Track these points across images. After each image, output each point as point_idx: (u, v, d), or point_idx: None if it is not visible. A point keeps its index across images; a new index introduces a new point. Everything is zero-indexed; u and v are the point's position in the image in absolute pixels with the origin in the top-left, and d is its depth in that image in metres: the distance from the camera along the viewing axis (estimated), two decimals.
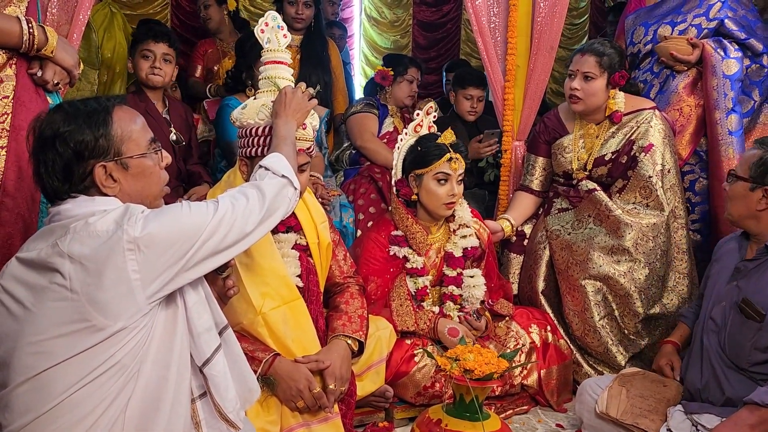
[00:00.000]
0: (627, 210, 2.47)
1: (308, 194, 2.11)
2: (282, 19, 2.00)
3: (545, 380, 2.32)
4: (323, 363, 1.86)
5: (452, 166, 2.27)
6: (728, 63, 2.59)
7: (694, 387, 1.99)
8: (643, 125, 2.53)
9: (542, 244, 2.61)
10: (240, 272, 1.84)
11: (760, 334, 1.83)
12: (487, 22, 2.87)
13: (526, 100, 2.92)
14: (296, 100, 1.82)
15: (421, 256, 2.35)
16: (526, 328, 2.34)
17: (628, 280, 2.39)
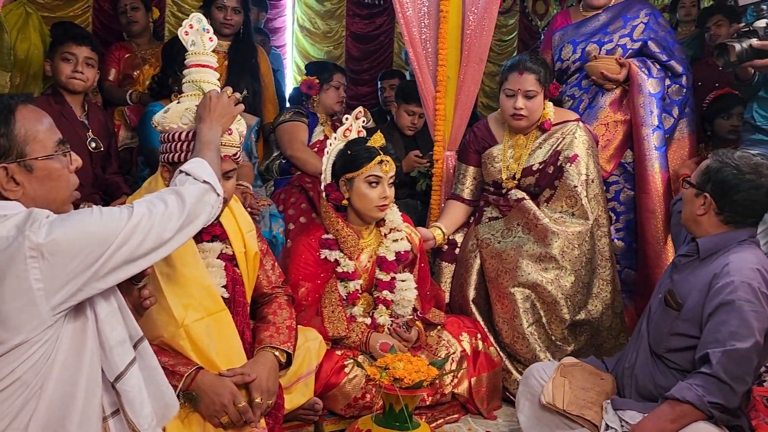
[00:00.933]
0: (554, 218, 2.52)
1: (235, 202, 2.04)
2: (209, 23, 1.93)
3: (475, 388, 2.32)
4: (249, 376, 1.79)
5: (383, 169, 2.26)
6: (652, 82, 2.71)
7: (622, 366, 2.09)
8: (569, 136, 2.59)
9: (473, 253, 2.62)
10: (160, 283, 1.75)
11: (677, 323, 1.92)
12: (418, 34, 2.89)
13: (457, 111, 2.95)
14: (222, 105, 1.76)
15: (352, 260, 2.32)
16: (457, 337, 2.34)
17: (555, 287, 2.43)
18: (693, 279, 1.95)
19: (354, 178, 2.28)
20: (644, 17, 2.79)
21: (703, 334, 1.84)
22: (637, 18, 2.79)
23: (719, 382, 1.76)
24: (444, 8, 2.87)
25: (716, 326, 1.81)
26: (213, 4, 3.25)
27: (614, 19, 2.84)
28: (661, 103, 2.72)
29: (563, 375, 2.03)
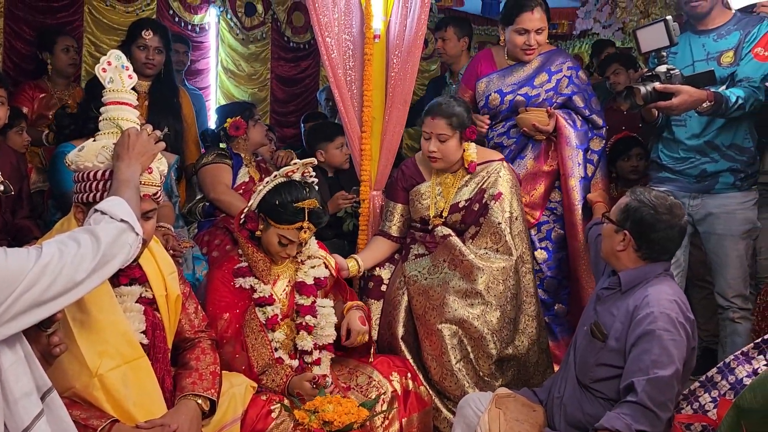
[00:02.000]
0: (479, 254, 2.55)
1: (155, 244, 1.98)
2: (128, 61, 1.89)
3: (406, 429, 2.28)
4: (169, 427, 1.70)
5: (300, 235, 2.24)
6: (578, 135, 2.80)
7: (552, 396, 2.13)
8: (493, 175, 2.65)
9: (400, 290, 2.62)
10: (72, 329, 1.65)
11: (602, 353, 1.97)
12: (343, 75, 2.93)
13: (383, 151, 2.99)
14: (141, 142, 1.71)
15: (267, 284, 2.29)
16: (387, 376, 2.30)
17: (481, 323, 2.45)
18: (615, 311, 2.01)
19: (270, 226, 2.25)
20: (567, 71, 2.86)
21: (627, 364, 1.90)
22: (560, 72, 2.86)
23: (645, 410, 1.81)
24: (368, 51, 2.93)
25: (639, 355, 1.86)
26: (134, 44, 3.19)
27: (539, 72, 2.90)
28: (585, 155, 2.81)
29: (498, 406, 2.04)
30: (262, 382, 2.17)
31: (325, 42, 2.88)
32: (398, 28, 2.94)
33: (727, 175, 2.62)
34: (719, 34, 2.64)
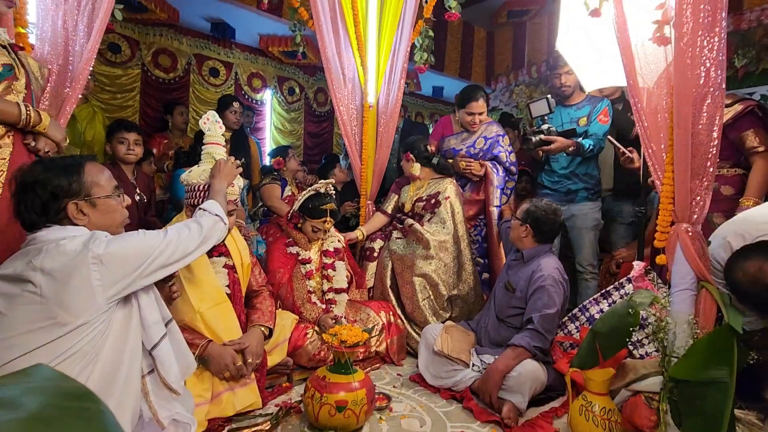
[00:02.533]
0: (432, 232, 2.52)
1: (235, 231, 1.94)
2: (219, 118, 1.86)
3: (390, 346, 2.27)
4: (244, 344, 1.68)
5: (324, 225, 2.26)
6: (498, 179, 2.69)
7: (480, 327, 2.12)
8: (445, 185, 2.64)
9: (387, 258, 2.60)
10: (184, 284, 1.62)
11: (513, 300, 1.99)
12: (350, 130, 2.91)
13: (374, 178, 2.96)
14: (227, 168, 1.69)
15: (307, 251, 2.31)
16: (378, 313, 2.30)
17: (436, 275, 2.43)
18: (521, 274, 2.02)
19: (306, 220, 2.26)
20: (496, 137, 2.74)
21: (528, 306, 1.91)
22: (493, 138, 2.75)
23: (539, 334, 1.82)
24: (366, 115, 2.92)
25: (535, 301, 1.88)
26: (226, 110, 3.20)
27: (479, 138, 2.79)
28: (502, 191, 2.72)
29: (446, 332, 2.04)
30: (302, 314, 2.15)
31: (339, 109, 2.86)
32: (383, 101, 2.93)
33: (583, 192, 2.64)
34: (578, 107, 2.66)
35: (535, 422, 1.70)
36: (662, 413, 1.42)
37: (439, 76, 6.42)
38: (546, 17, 6.02)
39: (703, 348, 1.36)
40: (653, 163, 1.73)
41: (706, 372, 1.33)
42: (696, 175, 1.57)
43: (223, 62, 5.11)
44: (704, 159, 1.56)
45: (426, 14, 2.87)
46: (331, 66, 2.79)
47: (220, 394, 1.60)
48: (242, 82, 5.31)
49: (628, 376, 1.69)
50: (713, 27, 1.50)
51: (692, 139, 1.56)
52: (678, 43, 1.56)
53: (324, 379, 1.60)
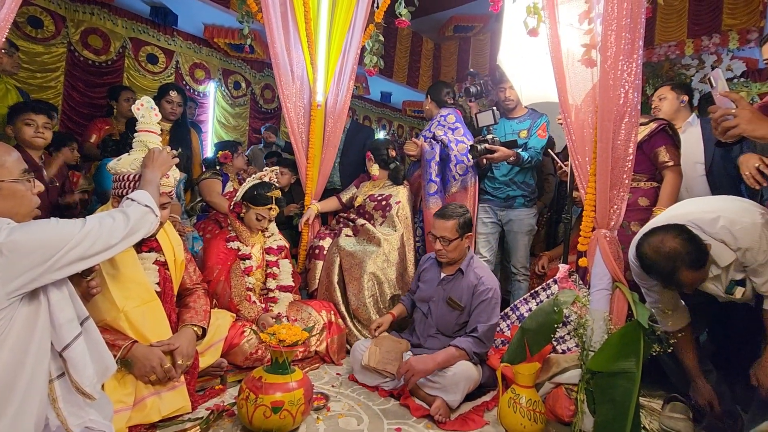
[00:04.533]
0: (383, 233, 2.55)
1: (169, 226, 1.80)
2: (155, 105, 1.73)
3: (330, 346, 2.23)
4: (174, 345, 1.56)
5: (270, 213, 2.19)
6: (429, 153, 2.69)
7: (417, 341, 2.07)
8: (397, 189, 2.70)
9: (335, 254, 2.55)
10: (106, 281, 1.47)
11: (461, 316, 1.96)
12: (297, 127, 2.83)
13: (320, 177, 2.91)
14: (162, 157, 1.57)
15: (248, 247, 2.21)
16: (319, 312, 2.25)
17: (383, 274, 2.43)
18: (460, 287, 1.97)
19: (250, 208, 2.16)
20: (438, 117, 2.83)
21: (472, 317, 1.91)
22: (435, 119, 2.85)
23: (481, 342, 1.86)
24: (314, 114, 2.86)
25: (479, 313, 1.89)
26: (163, 99, 2.96)
27: (430, 123, 2.89)
28: (436, 165, 2.67)
29: (375, 344, 2.00)
30: (240, 312, 2.05)
31: (287, 106, 2.77)
32: (332, 101, 2.89)
33: (520, 199, 2.73)
34: (519, 120, 2.77)
35: (468, 416, 1.75)
36: (580, 403, 1.52)
37: (387, 81, 6.48)
38: (489, 34, 6.32)
39: (615, 342, 1.48)
40: (579, 173, 1.85)
41: (617, 364, 1.44)
42: (614, 186, 1.71)
43: (163, 49, 4.78)
44: (621, 171, 1.70)
45: (377, 18, 2.88)
46: (280, 62, 2.70)
47: (144, 399, 1.47)
48: (184, 71, 5.00)
49: (551, 370, 1.80)
50: (632, 54, 1.65)
51: (612, 153, 1.70)
52: (602, 66, 1.70)
53: (260, 379, 1.52)
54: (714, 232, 1.44)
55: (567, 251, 2.32)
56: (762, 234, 1.39)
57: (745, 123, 1.24)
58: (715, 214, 1.46)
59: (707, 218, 1.47)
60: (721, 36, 4.65)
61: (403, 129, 8.59)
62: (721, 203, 1.55)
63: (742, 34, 4.54)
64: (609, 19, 1.66)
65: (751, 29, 4.48)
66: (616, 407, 1.43)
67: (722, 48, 4.71)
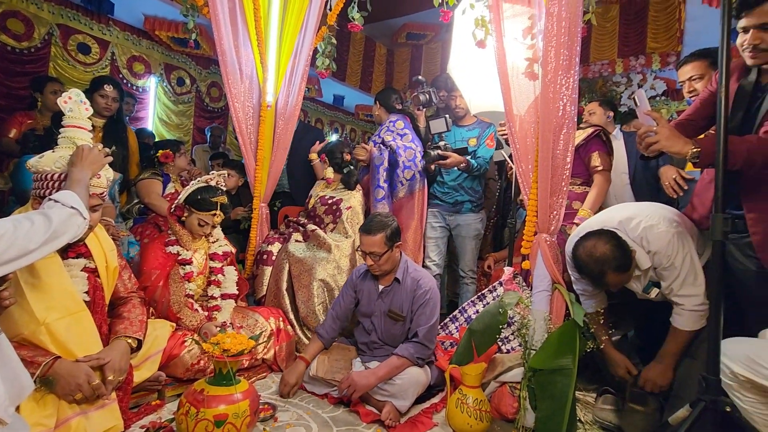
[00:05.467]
0: (334, 239, 2.52)
1: (100, 230, 1.67)
2: (85, 98, 1.59)
3: (278, 353, 2.16)
4: (104, 359, 1.43)
5: (213, 219, 2.07)
6: (378, 158, 2.70)
7: (367, 347, 2.05)
8: (350, 194, 2.68)
9: (285, 260, 2.49)
10: (24, 289, 1.33)
11: (405, 326, 1.96)
12: (245, 128, 2.74)
13: (269, 179, 2.83)
14: (93, 155, 1.45)
15: (188, 251, 2.07)
16: (267, 319, 2.17)
17: (333, 281, 2.40)
18: (400, 297, 1.95)
19: (193, 213, 2.04)
20: (387, 123, 2.85)
21: (414, 321, 1.92)
22: (384, 125, 2.86)
23: (423, 346, 1.87)
24: (263, 115, 2.78)
25: (419, 316, 1.90)
26: (96, 92, 2.72)
27: (379, 129, 2.89)
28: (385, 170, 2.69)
29: (323, 354, 1.99)
30: (181, 321, 1.93)
31: (234, 106, 2.68)
32: (283, 102, 2.83)
33: (468, 204, 2.81)
34: (468, 128, 2.86)
35: (417, 419, 1.77)
36: (522, 400, 1.59)
37: (340, 85, 6.47)
38: (440, 43, 6.51)
39: (554, 340, 1.56)
40: (523, 180, 1.95)
41: (555, 361, 1.52)
42: (554, 193, 1.82)
43: (97, 39, 4.45)
44: (560, 179, 1.81)
45: (330, 21, 2.86)
46: (227, 60, 2.61)
47: (69, 420, 1.34)
48: (120, 64, 4.68)
49: (496, 369, 1.86)
50: (570, 69, 1.77)
51: (551, 161, 1.80)
52: (543, 80, 1.80)
53: (202, 392, 1.44)
54: (635, 236, 1.59)
55: (512, 254, 2.42)
56: (671, 242, 1.55)
57: (664, 140, 1.39)
58: (638, 219, 1.62)
59: (631, 224, 1.62)
60: (646, 58, 5.12)
61: (355, 133, 8.60)
62: (646, 209, 1.71)
63: (663, 57, 5.03)
64: (549, 36, 1.76)
65: (670, 53, 4.98)
66: (555, 402, 1.51)
67: (647, 68, 5.20)
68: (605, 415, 1.80)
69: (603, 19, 5.25)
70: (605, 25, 5.31)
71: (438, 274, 2.87)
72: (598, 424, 1.79)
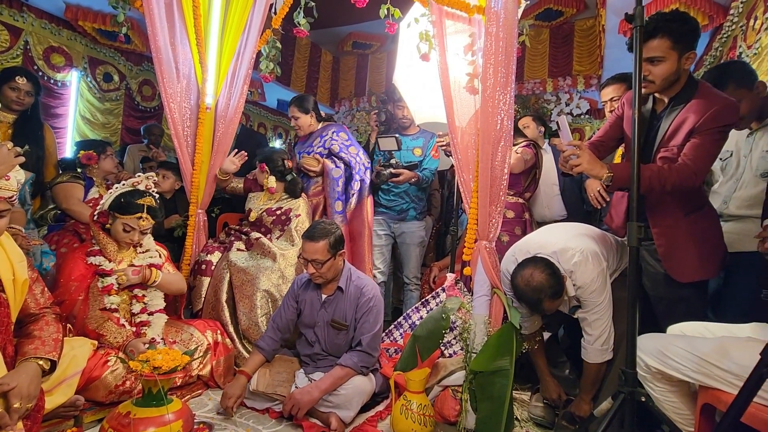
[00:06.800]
0: (280, 247, 2.45)
1: (6, 238, 1.48)
2: None
3: (215, 368, 2.04)
4: (8, 385, 1.25)
5: (140, 223, 1.91)
6: (336, 171, 2.77)
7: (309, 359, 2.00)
8: (297, 202, 2.62)
9: (225, 270, 2.37)
10: None
11: (348, 335, 1.94)
12: (182, 130, 2.59)
13: (207, 185, 2.68)
14: (1, 155, 1.28)
15: (111, 262, 1.90)
16: (203, 333, 2.05)
17: (277, 291, 2.32)
18: (343, 305, 1.93)
19: (117, 218, 1.89)
20: (331, 134, 2.85)
21: (357, 330, 1.90)
22: (327, 135, 2.86)
23: (367, 354, 1.86)
24: (201, 117, 2.64)
25: (363, 323, 1.89)
26: (6, 84, 2.44)
27: (316, 138, 2.89)
28: (342, 183, 2.77)
29: (266, 367, 1.92)
30: (104, 338, 1.76)
31: (170, 106, 2.52)
32: (223, 105, 2.71)
33: (412, 211, 2.90)
34: (413, 137, 2.95)
35: (362, 428, 1.76)
36: (464, 402, 1.64)
37: (285, 89, 6.35)
38: (386, 53, 6.64)
39: (492, 343, 1.64)
40: (464, 190, 2.03)
41: (494, 363, 1.59)
42: (493, 202, 1.91)
43: (7, 25, 4.01)
44: (498, 189, 1.91)
45: (274, 24, 2.80)
46: (162, 57, 2.46)
47: None
48: (36, 55, 4.24)
49: (439, 374, 1.91)
50: (506, 86, 1.88)
51: (490, 172, 1.90)
52: (483, 94, 1.90)
53: (127, 415, 1.33)
54: (567, 267, 1.71)
55: (454, 261, 2.51)
56: (595, 279, 1.69)
57: (586, 163, 1.60)
58: (572, 252, 1.73)
59: (566, 255, 1.73)
60: (572, 79, 5.59)
61: None
62: (581, 242, 1.77)
63: (587, 78, 5.53)
64: (488, 54, 1.87)
65: (593, 76, 5.48)
66: (494, 402, 1.58)
67: (573, 89, 5.67)
68: (538, 412, 1.91)
69: (535, 41, 5.66)
70: (537, 47, 5.73)
71: (383, 282, 2.90)
72: (532, 420, 1.89)
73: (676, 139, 1.60)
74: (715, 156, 1.58)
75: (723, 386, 1.17)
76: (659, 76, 1.57)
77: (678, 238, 1.64)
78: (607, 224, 2.01)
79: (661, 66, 1.56)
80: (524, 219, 2.52)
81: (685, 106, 1.59)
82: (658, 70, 1.57)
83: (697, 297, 1.68)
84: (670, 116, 1.63)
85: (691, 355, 1.23)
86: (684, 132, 1.57)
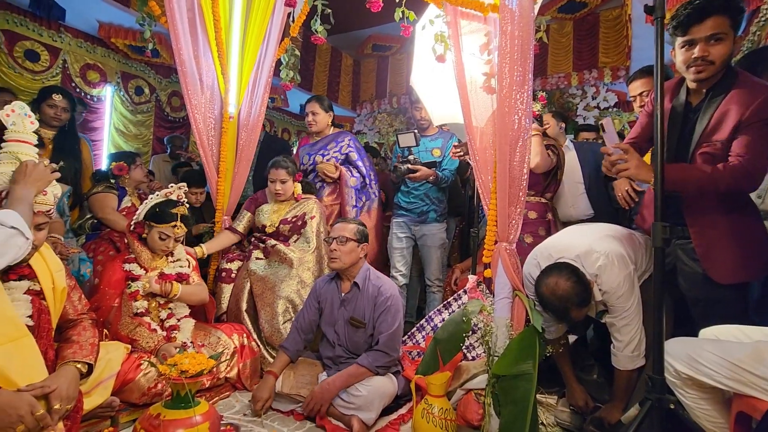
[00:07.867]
0: (297, 249, 2.49)
1: (46, 248, 1.57)
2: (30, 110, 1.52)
3: (242, 370, 2.10)
4: (49, 387, 1.33)
5: (174, 231, 2.01)
6: (353, 180, 2.83)
7: (331, 360, 2.03)
8: (311, 205, 2.63)
9: (245, 279, 2.43)
10: None
11: (367, 332, 1.95)
12: (206, 139, 2.68)
13: (232, 192, 2.76)
14: (38, 171, 1.38)
15: (144, 269, 2.00)
16: (230, 336, 2.11)
17: (298, 296, 2.35)
18: (361, 303, 1.95)
19: (153, 227, 1.98)
20: (348, 141, 2.91)
21: (375, 329, 1.92)
22: (343, 141, 2.91)
23: (384, 354, 1.87)
24: (225, 126, 2.73)
25: (381, 323, 1.91)
26: (44, 102, 2.60)
27: (330, 142, 2.94)
28: (356, 192, 2.85)
29: (290, 369, 1.96)
30: (137, 342, 1.85)
31: (195, 117, 2.62)
32: (245, 113, 2.79)
33: (432, 213, 2.87)
34: (432, 138, 2.93)
35: (384, 431, 1.76)
36: (487, 406, 1.62)
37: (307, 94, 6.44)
38: (406, 54, 6.63)
39: (515, 346, 1.61)
40: (483, 191, 2.01)
41: (517, 366, 1.56)
42: (512, 203, 1.88)
43: (47, 46, 4.25)
44: (518, 190, 1.88)
45: (292, 33, 2.86)
46: (187, 69, 2.55)
47: None
48: (73, 72, 4.48)
49: (462, 377, 1.89)
50: (523, 85, 1.84)
51: (509, 173, 1.87)
52: (499, 94, 1.87)
53: (158, 417, 1.38)
54: (592, 271, 1.65)
55: (475, 263, 2.48)
56: (622, 283, 1.63)
57: (634, 168, 1.49)
58: (596, 255, 1.67)
59: (590, 258, 1.67)
60: (598, 71, 5.42)
61: None
62: (606, 244, 1.71)
63: (614, 70, 5.34)
64: (503, 53, 1.84)
65: (620, 67, 5.29)
66: (518, 407, 1.55)
67: (599, 81, 5.49)
68: (565, 417, 1.86)
69: (558, 35, 5.52)
70: (561, 40, 5.58)
71: (404, 284, 2.90)
72: (558, 425, 1.84)
73: (720, 133, 1.49)
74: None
75: (759, 394, 1.11)
76: (720, 56, 1.45)
77: (718, 238, 1.55)
78: (638, 225, 1.94)
79: (722, 45, 1.44)
80: (547, 219, 2.46)
81: (726, 97, 1.48)
82: (717, 50, 1.44)
83: (736, 299, 1.58)
84: (709, 108, 1.52)
85: (724, 361, 1.17)
86: (729, 126, 1.46)
